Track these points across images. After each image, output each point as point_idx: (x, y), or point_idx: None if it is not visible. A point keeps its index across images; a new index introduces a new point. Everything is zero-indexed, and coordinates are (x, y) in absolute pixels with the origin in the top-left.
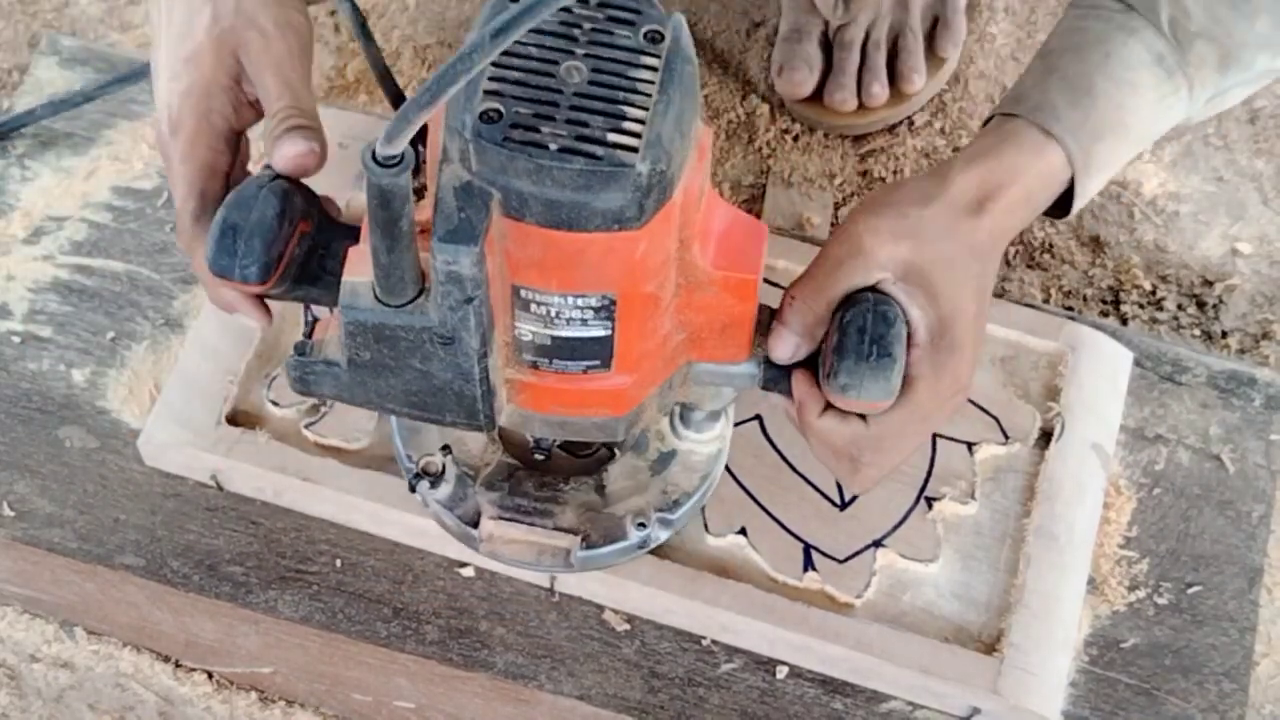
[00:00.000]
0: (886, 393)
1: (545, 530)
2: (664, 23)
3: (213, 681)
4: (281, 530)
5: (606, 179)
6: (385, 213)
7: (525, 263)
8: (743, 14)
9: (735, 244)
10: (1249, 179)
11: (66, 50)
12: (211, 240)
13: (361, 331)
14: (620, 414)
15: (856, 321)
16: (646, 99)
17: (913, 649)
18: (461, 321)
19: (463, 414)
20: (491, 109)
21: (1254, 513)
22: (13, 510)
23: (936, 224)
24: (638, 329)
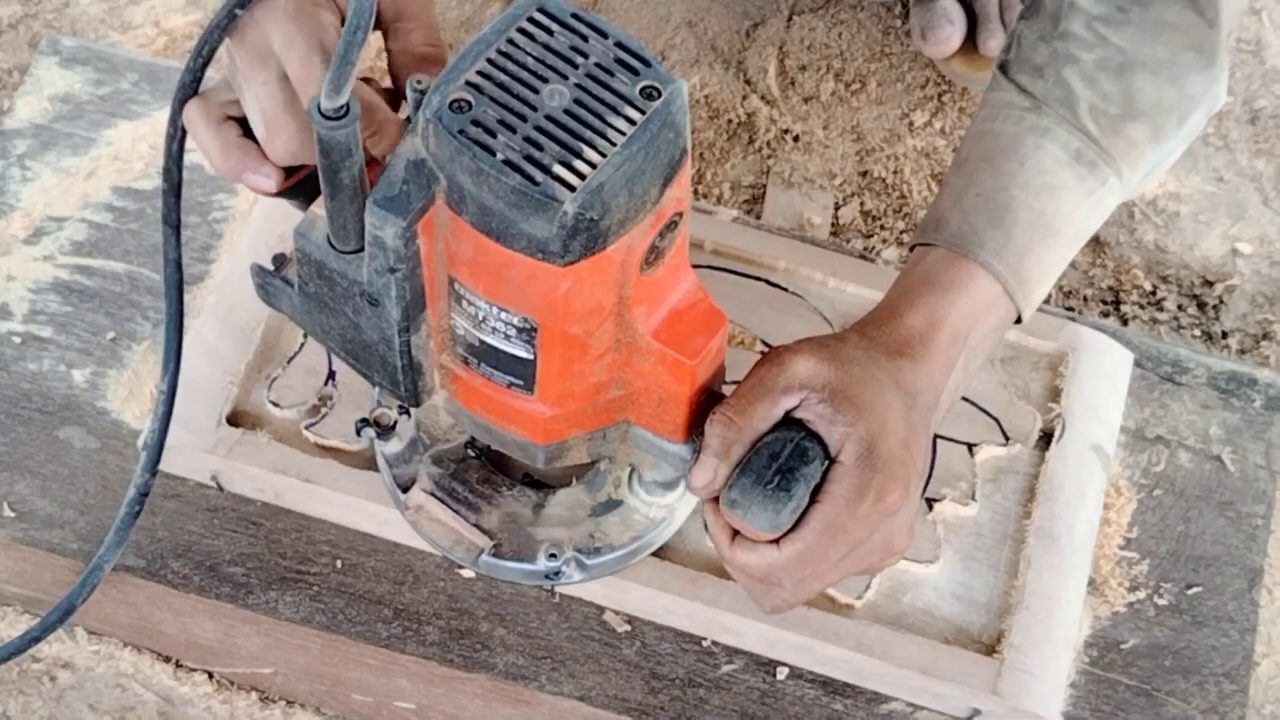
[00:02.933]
0: (772, 525)
1: (466, 523)
2: (666, 84)
3: (213, 682)
4: (282, 531)
5: (535, 205)
6: (327, 162)
7: (459, 258)
8: (743, 14)
9: (685, 324)
10: (1249, 179)
11: (66, 50)
12: None
13: (308, 262)
14: (539, 441)
15: (773, 447)
16: (609, 145)
17: (913, 650)
18: (384, 288)
19: (387, 379)
20: (463, 99)
21: (1254, 514)
22: (13, 510)
23: (857, 353)
24: (560, 365)
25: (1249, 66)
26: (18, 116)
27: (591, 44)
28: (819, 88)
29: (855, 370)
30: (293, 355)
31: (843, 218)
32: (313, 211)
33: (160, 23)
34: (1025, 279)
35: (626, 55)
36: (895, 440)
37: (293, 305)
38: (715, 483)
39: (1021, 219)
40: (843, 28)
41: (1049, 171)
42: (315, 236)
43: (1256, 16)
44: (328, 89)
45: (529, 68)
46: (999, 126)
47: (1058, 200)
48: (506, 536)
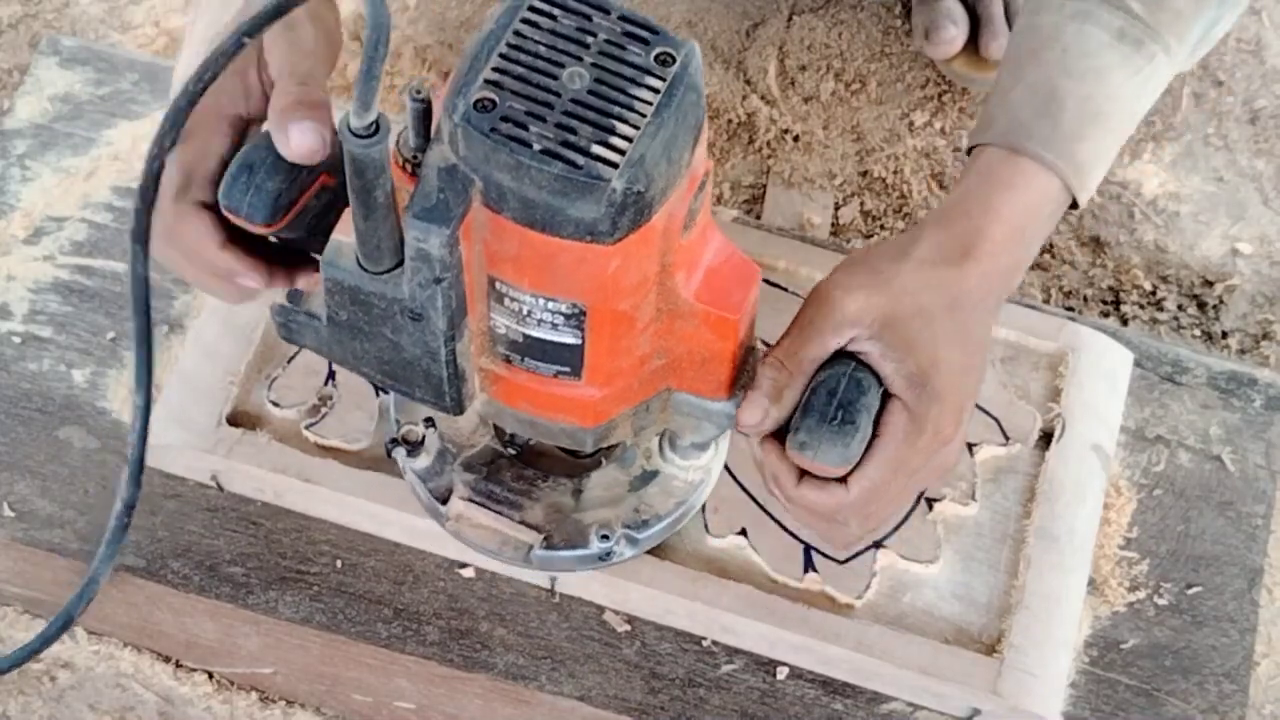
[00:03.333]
0: (843, 459)
1: (511, 522)
2: (678, 48)
3: (213, 682)
4: (282, 531)
5: (582, 189)
6: (360, 181)
7: (501, 256)
8: (743, 14)
9: (722, 281)
10: (1249, 179)
11: (66, 50)
12: (229, 174)
13: (339, 290)
14: (588, 425)
15: (829, 384)
16: (640, 118)
17: (913, 650)
18: (429, 300)
19: (431, 392)
20: (486, 98)
21: (1254, 513)
22: (13, 510)
23: (913, 278)
24: (609, 344)
25: (1249, 66)
26: (18, 116)
27: (597, 21)
28: (819, 88)
29: (905, 301)
30: (293, 355)
31: (843, 218)
32: (336, 239)
33: (160, 23)
34: (1080, 165)
35: (634, 27)
36: (950, 369)
37: (319, 338)
38: (765, 423)
39: (1069, 106)
40: (843, 28)
41: (1092, 54)
42: (344, 263)
43: (1256, 16)
44: (356, 107)
45: (543, 55)
46: (1040, 19)
47: (1104, 82)
48: (554, 527)
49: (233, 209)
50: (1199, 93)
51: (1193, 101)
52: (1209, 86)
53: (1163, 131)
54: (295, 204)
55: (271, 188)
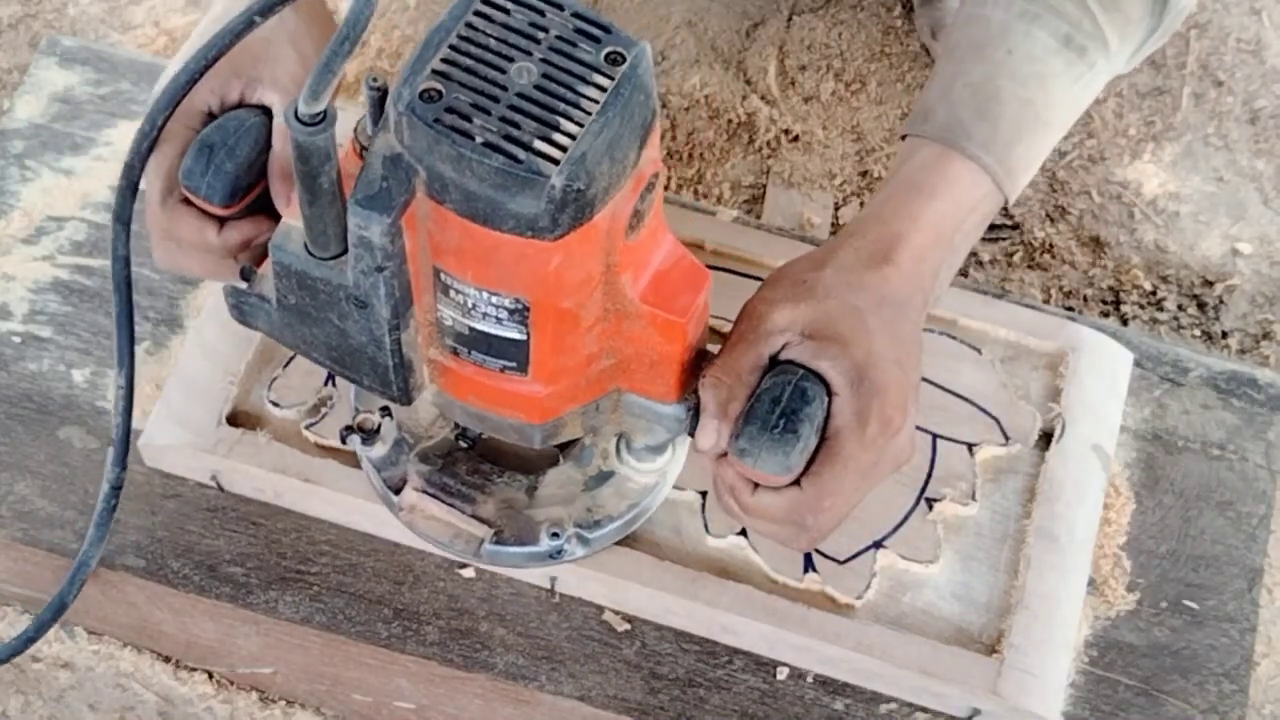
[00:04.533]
0: (784, 468)
1: (462, 515)
2: (629, 47)
3: (213, 682)
4: (282, 531)
5: (522, 183)
6: (305, 168)
7: (445, 248)
8: (743, 14)
9: (670, 284)
10: (1249, 179)
11: (66, 50)
12: (189, 155)
13: (286, 274)
14: (535, 421)
15: (773, 391)
16: (585, 115)
17: (913, 650)
18: (373, 288)
19: (377, 380)
20: (433, 88)
21: (1254, 513)
22: (13, 510)
23: (835, 281)
24: (553, 340)
25: (1249, 66)
26: (17, 116)
27: (549, 17)
28: (819, 88)
29: (832, 303)
30: (292, 356)
31: (843, 218)
32: (285, 223)
33: (160, 23)
34: (1013, 169)
35: (586, 24)
36: (886, 362)
37: (270, 321)
38: (721, 441)
39: (1009, 110)
40: (843, 28)
41: (1038, 59)
42: (292, 247)
43: (1256, 16)
44: (306, 95)
45: (493, 49)
46: (988, 11)
47: (1047, 89)
48: (505, 523)
49: (192, 189)
50: (1199, 93)
51: (1193, 101)
52: (1209, 86)
53: (1163, 131)
54: (254, 187)
55: (230, 169)
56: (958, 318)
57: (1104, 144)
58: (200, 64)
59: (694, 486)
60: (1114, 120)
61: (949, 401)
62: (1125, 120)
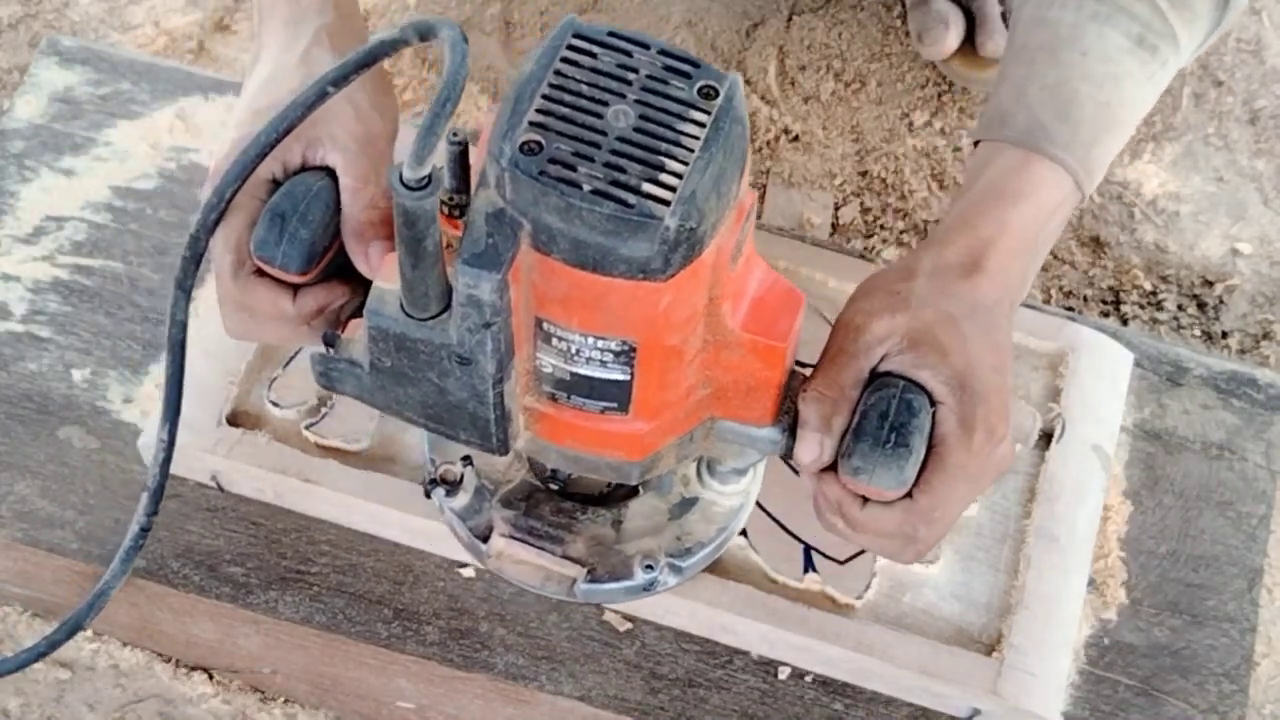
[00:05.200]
0: (899, 482)
1: (553, 557)
2: (721, 80)
3: (213, 681)
4: (282, 531)
5: (634, 228)
6: (410, 232)
7: (550, 297)
8: (743, 14)
9: (768, 310)
10: (1249, 179)
11: (66, 50)
12: (261, 225)
13: (384, 338)
14: (635, 459)
15: (879, 406)
16: (688, 153)
17: (913, 650)
18: (479, 345)
19: (476, 434)
20: (533, 140)
21: (1254, 513)
22: (13, 510)
23: (928, 291)
24: (658, 378)
25: (1249, 66)
26: (17, 116)
27: (637, 58)
28: (819, 88)
29: (928, 312)
30: (292, 355)
31: (843, 218)
32: (379, 287)
33: (160, 23)
34: (1093, 169)
35: (674, 61)
36: (985, 369)
37: (360, 385)
38: (824, 455)
39: (1088, 112)
40: (843, 28)
41: (1112, 60)
42: (389, 311)
43: (1256, 16)
44: (411, 160)
45: (586, 95)
46: (1056, 14)
47: (1121, 89)
48: (597, 560)
49: (267, 259)
50: (1199, 93)
51: (1193, 101)
52: (1209, 86)
53: (1163, 131)
54: (328, 250)
55: (305, 236)
56: None
57: None
58: (272, 136)
59: None
60: None
61: None
62: None
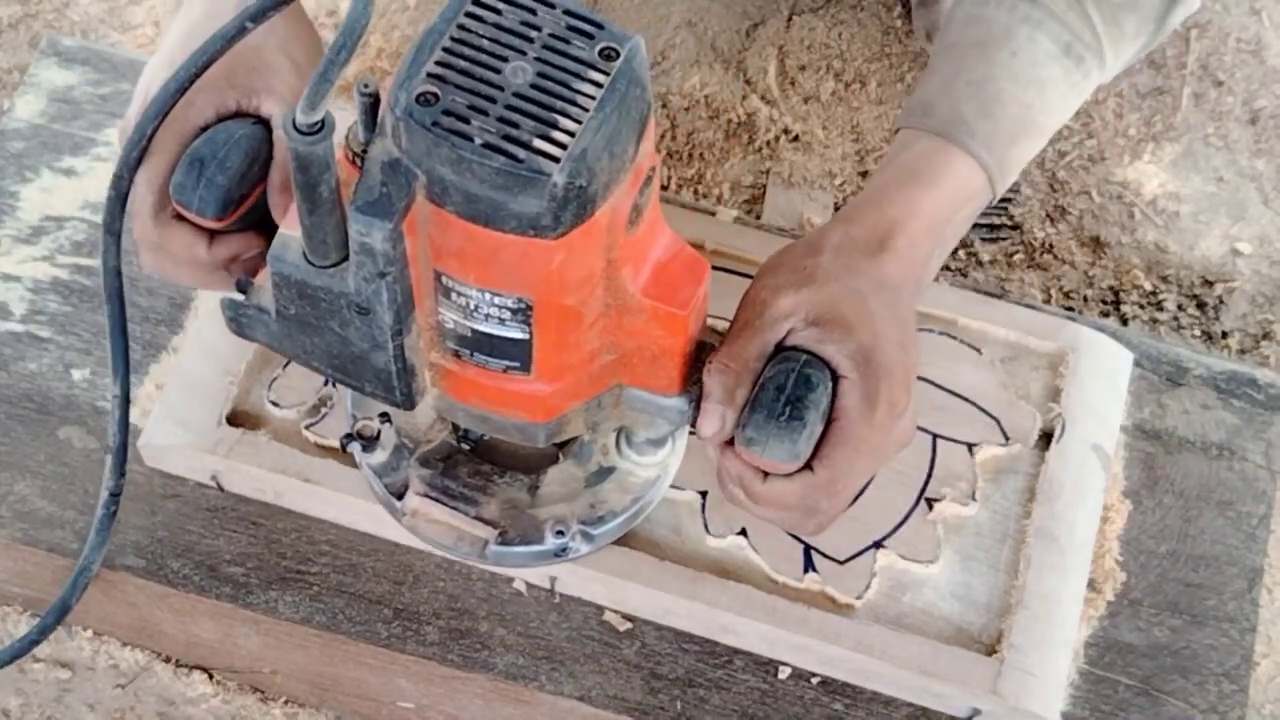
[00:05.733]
0: (791, 455)
1: (466, 518)
2: (622, 42)
3: (213, 681)
4: (282, 531)
5: (523, 183)
6: (304, 177)
7: (446, 251)
8: (743, 14)
9: (671, 276)
10: (1249, 179)
11: (66, 50)
12: (179, 170)
13: (286, 285)
14: (539, 420)
15: (777, 380)
16: (582, 112)
17: (913, 650)
18: (375, 294)
19: (380, 386)
20: (429, 91)
21: (1254, 513)
22: (13, 510)
23: (834, 266)
24: (557, 339)
25: (1249, 67)
26: (17, 116)
27: (541, 16)
28: (819, 88)
29: (835, 287)
30: None
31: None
32: (283, 234)
33: (160, 23)
34: (1006, 169)
35: (578, 21)
36: (890, 344)
37: (269, 332)
38: (725, 428)
39: (1010, 111)
40: (843, 28)
41: (1039, 64)
42: (291, 257)
43: (1256, 16)
44: (304, 105)
45: (486, 49)
46: (990, 13)
47: (1045, 94)
48: (509, 523)
49: (183, 204)
50: (1199, 93)
51: (1193, 101)
52: (1209, 86)
53: (1163, 131)
54: (246, 199)
55: (222, 182)
56: (958, 318)
57: (1104, 144)
58: (190, 71)
59: (694, 486)
60: (1114, 120)
61: (949, 401)
62: (1125, 120)
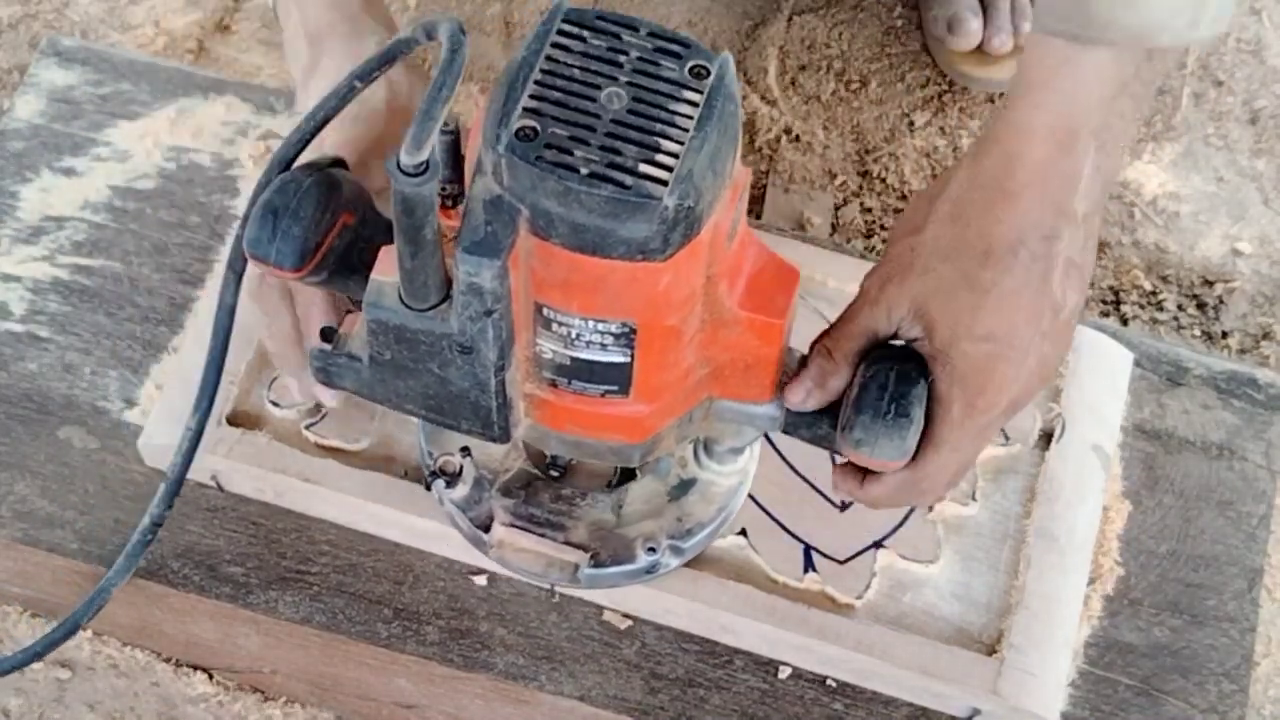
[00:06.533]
0: (900, 452)
1: (555, 544)
2: (711, 60)
3: (213, 681)
4: (282, 531)
5: (633, 209)
6: (409, 220)
7: (549, 282)
8: (743, 14)
9: (764, 286)
10: (1249, 179)
11: (66, 50)
12: (253, 223)
13: (384, 331)
14: (636, 441)
15: (878, 378)
16: (683, 133)
17: (913, 650)
18: (480, 333)
19: (478, 423)
20: (528, 126)
21: (1254, 513)
22: (13, 510)
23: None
24: (657, 359)
25: (1249, 67)
26: (17, 116)
27: (627, 40)
28: (819, 88)
29: (930, 278)
30: None
31: (843, 218)
32: (376, 279)
33: (160, 23)
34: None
35: (664, 42)
36: (970, 340)
37: (360, 380)
38: (808, 402)
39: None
40: (843, 28)
41: None
42: (388, 303)
43: (1256, 16)
44: (409, 145)
45: (579, 79)
46: None
47: None
48: (599, 545)
49: (260, 257)
50: (1199, 93)
51: (1193, 101)
52: (1209, 86)
53: (1163, 131)
54: (321, 246)
55: (298, 232)
56: None
57: None
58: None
59: None
60: None
61: None
62: None
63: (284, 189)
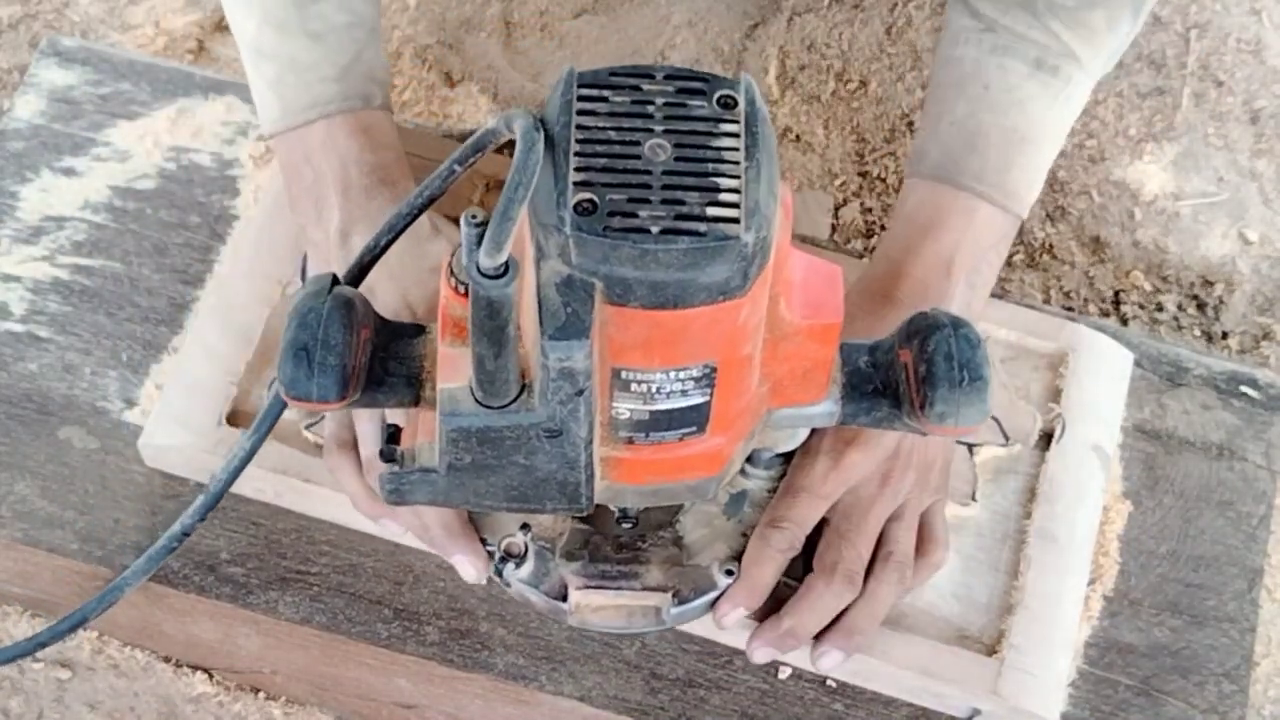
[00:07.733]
0: (983, 414)
1: (634, 592)
2: (735, 87)
3: (213, 682)
4: (282, 531)
5: (713, 254)
6: (493, 322)
7: (627, 345)
8: (743, 14)
9: (816, 291)
10: (1249, 179)
11: (66, 50)
12: (286, 364)
13: (465, 437)
14: (714, 473)
15: (941, 348)
16: (736, 167)
17: (913, 650)
18: (571, 414)
19: (564, 500)
20: (585, 200)
21: (1254, 513)
22: (13, 510)
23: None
24: (734, 390)
25: (1249, 67)
26: (17, 116)
27: (647, 89)
28: (819, 88)
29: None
30: None
31: (843, 218)
32: (445, 389)
33: (160, 23)
34: (1014, 190)
35: (684, 81)
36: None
37: (435, 490)
38: None
39: (994, 139)
40: (843, 28)
41: (1014, 88)
42: (465, 409)
43: (1256, 16)
44: (488, 247)
45: (616, 140)
46: (960, 52)
47: (1027, 112)
48: (677, 581)
49: (302, 397)
50: (1199, 93)
51: (1193, 101)
52: (1209, 86)
53: (1163, 131)
54: (356, 368)
55: (334, 362)
56: None
57: (1104, 144)
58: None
59: None
60: (1114, 120)
61: None
62: (1125, 120)
63: (305, 322)
